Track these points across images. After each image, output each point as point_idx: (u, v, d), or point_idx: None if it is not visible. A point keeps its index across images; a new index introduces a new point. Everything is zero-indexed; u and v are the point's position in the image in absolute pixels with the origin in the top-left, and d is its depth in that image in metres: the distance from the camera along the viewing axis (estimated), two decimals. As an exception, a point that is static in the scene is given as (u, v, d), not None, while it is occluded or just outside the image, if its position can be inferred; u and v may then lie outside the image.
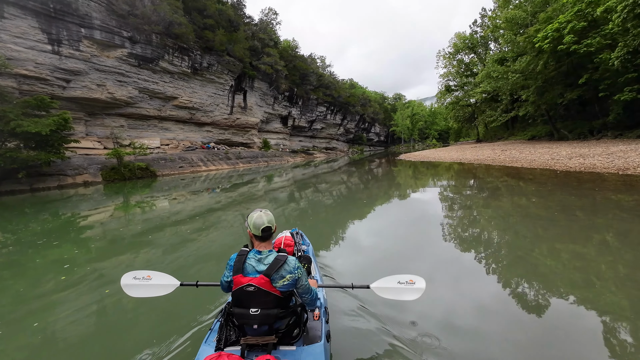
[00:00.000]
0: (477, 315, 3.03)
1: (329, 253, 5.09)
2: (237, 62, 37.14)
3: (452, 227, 6.38)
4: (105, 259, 5.42)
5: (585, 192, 8.42)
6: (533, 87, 20.84)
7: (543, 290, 3.46)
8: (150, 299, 2.56)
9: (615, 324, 2.76)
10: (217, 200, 12.01)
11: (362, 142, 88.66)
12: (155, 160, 26.41)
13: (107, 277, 4.49)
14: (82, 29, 22.98)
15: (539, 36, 17.31)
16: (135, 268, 4.05)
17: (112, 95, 26.58)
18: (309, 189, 14.25)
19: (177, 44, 29.84)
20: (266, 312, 1.72)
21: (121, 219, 9.33)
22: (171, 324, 3.05)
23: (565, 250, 4.59)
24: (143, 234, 6.97)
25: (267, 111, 48.08)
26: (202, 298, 3.43)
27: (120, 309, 3.53)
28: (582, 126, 20.58)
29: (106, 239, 6.78)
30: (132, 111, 29.54)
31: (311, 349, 1.84)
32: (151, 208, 10.84)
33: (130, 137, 30.03)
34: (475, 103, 41.26)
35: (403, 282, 2.29)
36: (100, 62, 24.98)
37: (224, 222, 7.89)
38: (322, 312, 2.22)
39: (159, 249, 5.82)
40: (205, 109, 36.28)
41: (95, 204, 12.43)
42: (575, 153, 14.50)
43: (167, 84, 31.00)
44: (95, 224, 8.59)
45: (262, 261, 1.76)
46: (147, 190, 16.70)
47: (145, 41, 27.21)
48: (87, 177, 20.50)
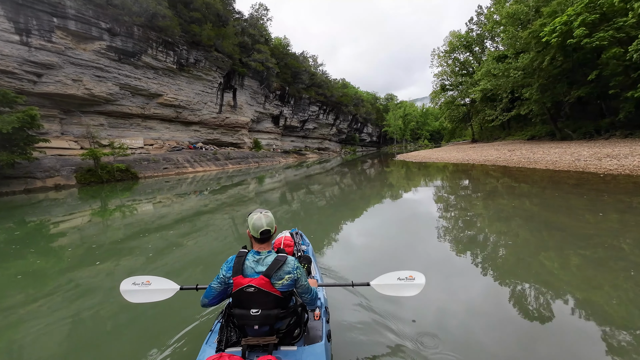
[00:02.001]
0: (478, 314, 3.00)
1: (329, 253, 5.07)
2: (226, 59, 35.47)
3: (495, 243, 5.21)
4: (82, 267, 5.07)
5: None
6: (536, 85, 20.01)
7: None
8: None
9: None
10: (206, 202, 11.43)
11: (354, 143, 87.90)
12: (137, 161, 24.62)
13: (84, 287, 4.23)
14: (55, 18, 21.06)
15: (545, 30, 16.43)
16: (117, 277, 3.99)
17: (90, 92, 24.66)
18: (307, 190, 13.69)
19: (161, 38, 28.05)
20: (267, 313, 1.72)
21: (100, 224, 8.66)
22: (171, 325, 3.01)
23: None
24: (125, 240, 6.59)
25: (258, 110, 46.44)
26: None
27: (119, 311, 3.47)
28: (587, 125, 19.79)
29: (83, 247, 6.30)
30: (113, 109, 27.60)
31: (312, 349, 1.83)
32: (132, 213, 10.04)
33: (111, 137, 28.11)
34: (470, 102, 40.69)
35: (403, 278, 2.29)
36: (75, 55, 23.04)
37: (213, 226, 7.57)
38: (322, 312, 2.21)
39: (143, 255, 5.46)
40: (192, 107, 34.48)
41: (70, 208, 11.42)
42: (601, 153, 13.22)
43: (150, 80, 29.15)
44: (70, 230, 7.94)
45: (261, 262, 1.76)
46: (127, 193, 15.58)
47: (126, 34, 25.36)
48: (59, 179, 18.67)
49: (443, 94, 44.79)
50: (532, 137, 26.71)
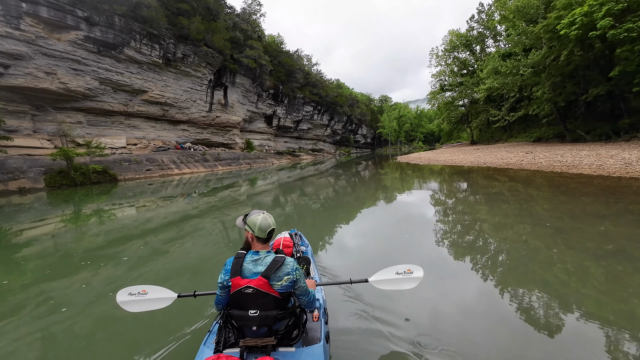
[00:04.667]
0: (478, 313, 3.01)
1: (328, 254, 5.02)
2: (217, 54, 33.61)
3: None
4: (54, 279, 4.61)
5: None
6: (549, 83, 18.80)
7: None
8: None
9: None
10: (194, 206, 10.82)
11: (349, 144, 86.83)
12: (117, 162, 22.61)
13: (59, 300, 3.80)
14: (23, 3, 19.02)
15: (563, 22, 15.21)
16: (95, 288, 3.98)
17: (66, 86, 22.58)
18: (305, 193, 13.06)
19: (146, 30, 26.09)
20: (265, 314, 1.69)
21: (74, 231, 7.85)
22: (169, 326, 2.99)
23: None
24: (105, 247, 6.14)
25: (250, 109, 44.60)
26: (200, 300, 3.24)
27: (118, 313, 3.26)
28: (602, 127, 18.62)
29: (55, 256, 5.83)
30: (93, 105, 25.51)
31: (310, 350, 1.82)
32: (110, 218, 9.24)
33: (90, 136, 26.02)
34: (470, 103, 39.62)
35: (401, 272, 2.28)
36: (48, 45, 20.98)
37: (203, 230, 7.18)
38: (321, 313, 2.20)
39: (124, 265, 5.03)
40: (180, 105, 32.52)
41: (38, 214, 10.34)
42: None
43: (134, 75, 27.14)
44: (39, 238, 7.22)
45: (260, 262, 1.74)
46: (104, 197, 14.11)
47: (106, 24, 23.38)
48: (24, 182, 16.61)
49: (441, 95, 43.68)
50: (538, 139, 25.46)
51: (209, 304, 3.28)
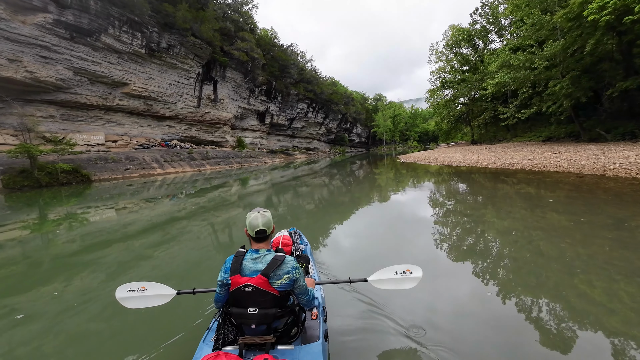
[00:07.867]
0: (477, 313, 2.92)
1: (328, 252, 4.94)
2: (205, 46, 31.37)
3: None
4: (18, 290, 4.06)
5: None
6: (568, 76, 17.33)
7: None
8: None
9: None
10: (182, 207, 10.11)
11: (343, 143, 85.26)
12: (92, 161, 20.32)
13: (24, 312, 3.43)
14: (-21, -22, 16.62)
15: (591, 7, 13.71)
16: (65, 298, 3.76)
17: (34, 75, 20.20)
18: (304, 192, 12.63)
19: (126, 15, 23.77)
20: (264, 312, 1.67)
21: (41, 238, 7.01)
22: (168, 324, 2.94)
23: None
24: (78, 253, 5.55)
25: (241, 105, 42.39)
26: (199, 298, 3.28)
27: (117, 312, 3.19)
28: (625, 125, 17.16)
29: (20, 264, 5.11)
30: (66, 98, 23.10)
31: (309, 348, 1.80)
32: (83, 223, 8.22)
33: (64, 131, 23.66)
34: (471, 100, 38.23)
35: (400, 272, 2.26)
36: (11, 28, 18.55)
37: (190, 233, 6.69)
38: (320, 311, 2.18)
39: (103, 271, 4.60)
40: (165, 100, 30.21)
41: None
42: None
43: (113, 65, 24.77)
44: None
45: (259, 260, 1.71)
46: (74, 200, 12.49)
47: (79, 7, 21.02)
48: (-24, 184, 14.30)
49: (440, 92, 42.21)
50: (548, 139, 23.98)
51: (208, 302, 3.23)
